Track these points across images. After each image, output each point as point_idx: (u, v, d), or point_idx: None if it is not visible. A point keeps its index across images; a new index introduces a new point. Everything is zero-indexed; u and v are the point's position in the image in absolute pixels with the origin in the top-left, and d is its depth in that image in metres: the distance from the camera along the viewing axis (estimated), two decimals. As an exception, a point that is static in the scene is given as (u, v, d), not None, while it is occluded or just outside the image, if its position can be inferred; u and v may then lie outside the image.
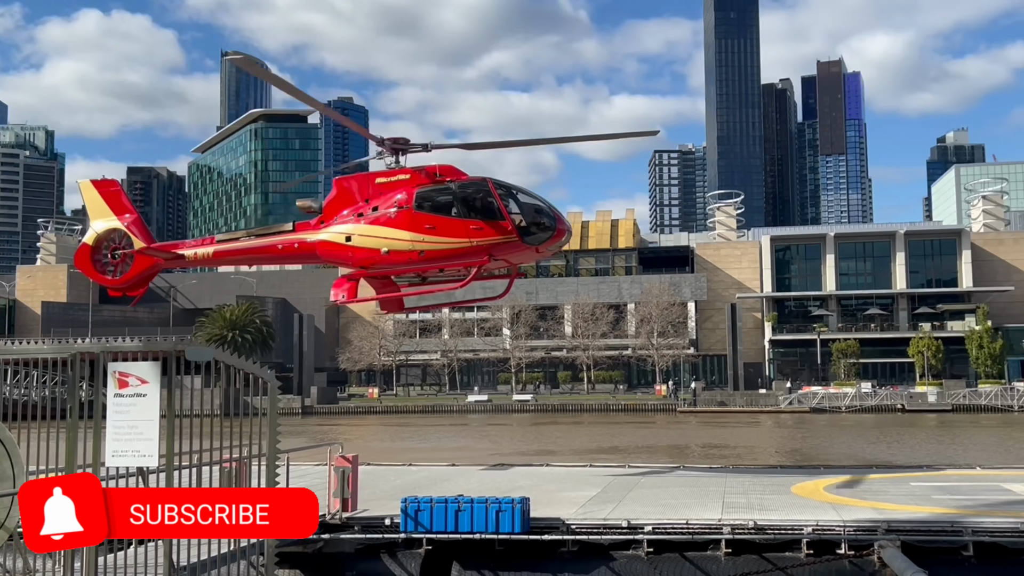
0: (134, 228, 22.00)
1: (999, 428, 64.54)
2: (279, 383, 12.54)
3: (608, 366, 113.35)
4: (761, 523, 15.08)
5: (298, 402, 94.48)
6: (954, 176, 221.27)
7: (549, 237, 19.23)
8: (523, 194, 19.78)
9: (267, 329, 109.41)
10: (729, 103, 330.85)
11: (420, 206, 19.21)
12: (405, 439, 60.87)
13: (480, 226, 18.77)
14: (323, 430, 67.36)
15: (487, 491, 17.34)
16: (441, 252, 19.18)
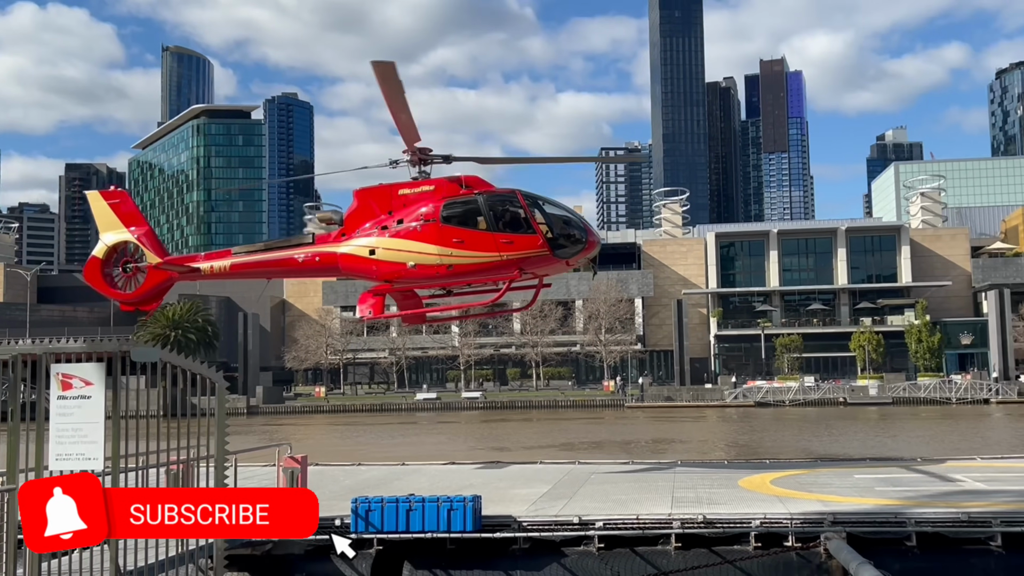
0: (146, 240, 21.46)
1: (938, 420, 66.12)
2: (227, 383, 12.36)
3: (557, 363, 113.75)
4: (710, 517, 15.25)
5: (243, 402, 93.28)
6: (893, 173, 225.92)
7: (580, 250, 18.87)
8: (552, 206, 19.37)
9: (211, 328, 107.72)
10: (674, 101, 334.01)
11: (447, 219, 18.75)
12: (354, 438, 60.46)
13: (510, 240, 18.35)
14: (270, 430, 66.59)
15: (438, 490, 17.28)
16: (470, 266, 18.77)
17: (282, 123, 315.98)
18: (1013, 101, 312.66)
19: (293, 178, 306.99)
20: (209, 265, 21.34)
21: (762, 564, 14.76)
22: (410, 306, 21.25)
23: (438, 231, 18.65)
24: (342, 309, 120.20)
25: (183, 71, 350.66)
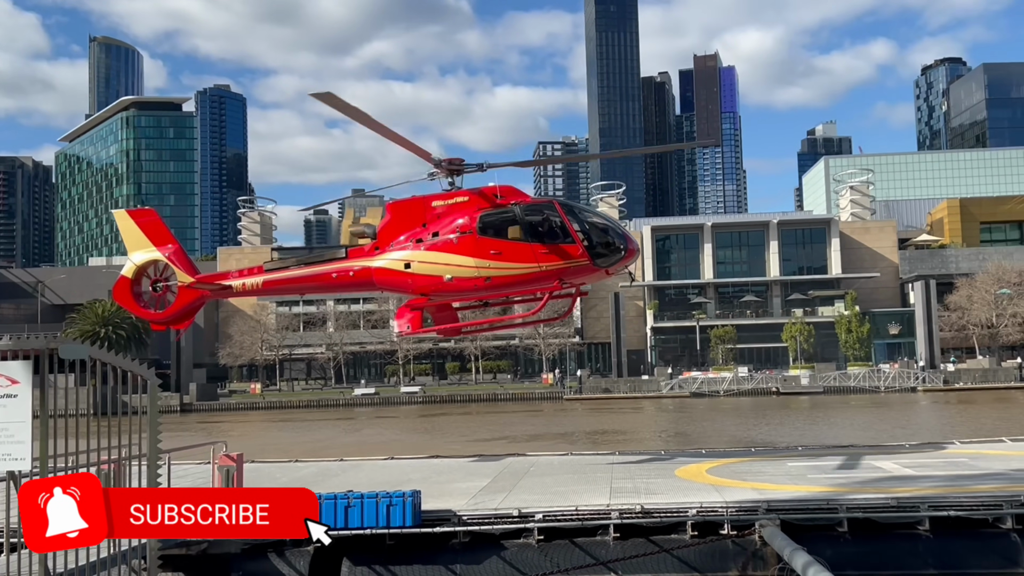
0: (176, 259, 21.31)
1: (867, 408, 67.78)
2: (159, 380, 12.11)
3: (496, 356, 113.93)
4: (648, 507, 15.42)
5: (176, 399, 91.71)
6: (823, 167, 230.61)
7: (620, 258, 18.62)
8: (590, 214, 19.21)
9: (142, 324, 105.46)
10: (610, 96, 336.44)
11: (484, 230, 18.43)
12: (291, 435, 59.78)
13: (549, 250, 18.08)
14: (205, 428, 65.51)
15: (377, 485, 17.18)
16: (509, 278, 18.53)
17: (214, 116, 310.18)
18: (938, 97, 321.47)
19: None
20: (241, 283, 21.20)
21: (698, 552, 14.98)
22: (446, 319, 21.02)
23: (475, 243, 18.39)
24: (278, 304, 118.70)
25: (111, 62, 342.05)
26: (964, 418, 54.79)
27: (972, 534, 15.10)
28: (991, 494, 15.68)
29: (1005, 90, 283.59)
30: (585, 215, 19.08)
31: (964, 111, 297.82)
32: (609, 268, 18.84)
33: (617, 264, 18.80)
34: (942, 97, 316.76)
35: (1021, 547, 14.82)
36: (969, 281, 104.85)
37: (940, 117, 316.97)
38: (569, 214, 18.49)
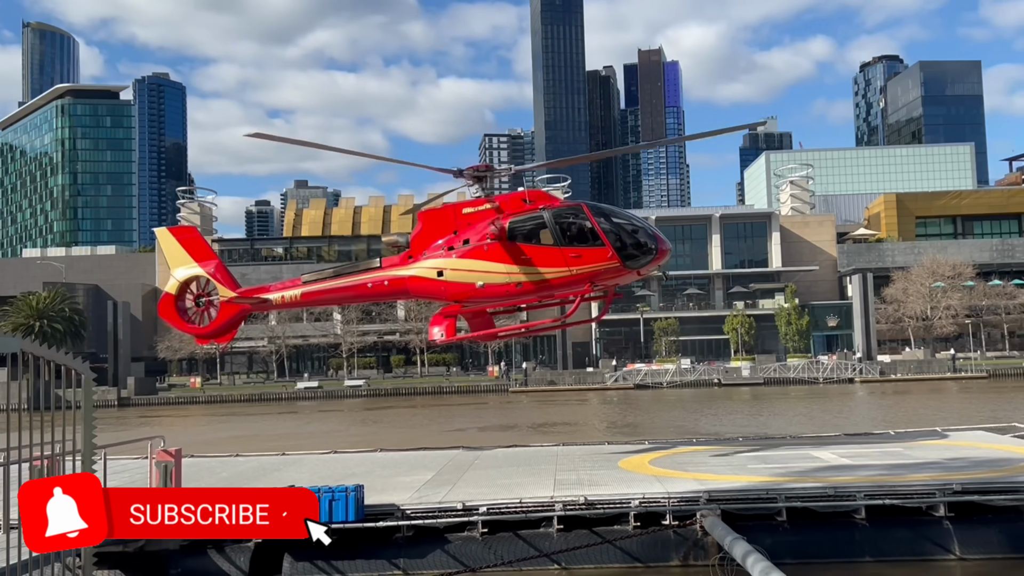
0: (218, 275, 21.67)
1: (806, 399, 69.00)
2: (93, 374, 11.84)
3: (442, 349, 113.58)
4: (591, 499, 15.53)
5: (113, 394, 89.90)
6: (764, 162, 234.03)
7: (651, 259, 18.56)
8: (619, 216, 19.06)
9: (78, 317, 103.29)
10: (556, 89, 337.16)
11: (513, 236, 18.49)
12: (232, 429, 58.95)
13: (579, 254, 18.08)
14: (143, 423, 64.32)
15: (319, 480, 17.05)
16: (540, 283, 18.53)
17: (153, 104, 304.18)
18: (876, 94, 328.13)
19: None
20: (280, 295, 21.50)
21: (641, 543, 15.12)
22: (481, 325, 21.19)
23: (505, 249, 18.46)
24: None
25: (45, 48, 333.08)
26: (899, 409, 56.06)
27: (906, 522, 15.48)
28: (924, 483, 16.08)
29: (940, 88, 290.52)
30: (615, 217, 18.98)
31: (901, 108, 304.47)
32: (641, 269, 18.90)
33: (648, 265, 18.86)
34: (880, 94, 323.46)
35: (953, 534, 15.23)
36: (905, 274, 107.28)
37: (878, 114, 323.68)
38: (598, 216, 18.49)
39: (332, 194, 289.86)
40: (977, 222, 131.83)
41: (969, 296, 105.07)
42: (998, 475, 16.84)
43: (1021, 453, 20.04)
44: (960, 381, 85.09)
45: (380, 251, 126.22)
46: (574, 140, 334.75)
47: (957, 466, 18.15)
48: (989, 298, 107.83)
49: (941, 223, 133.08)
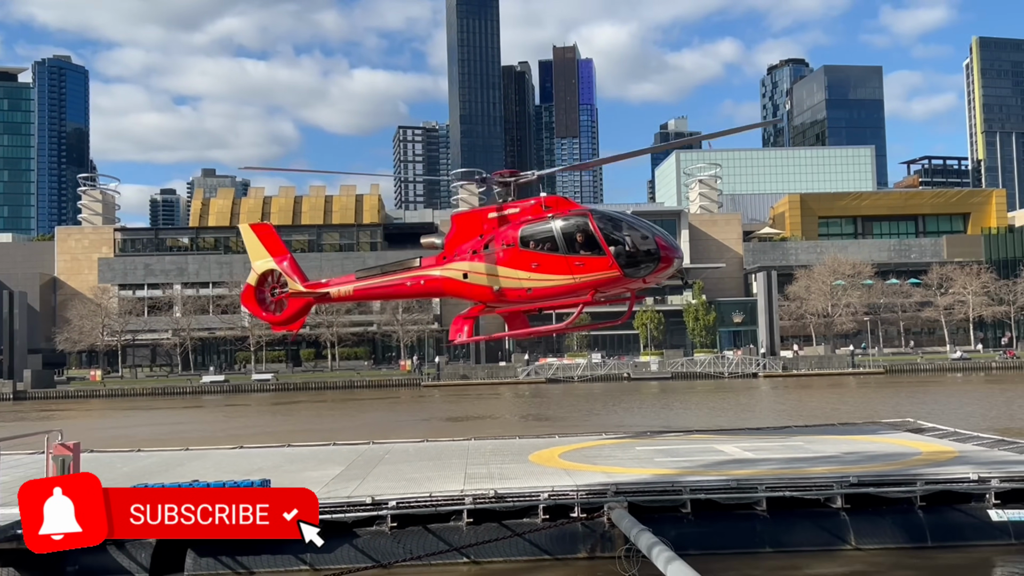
0: (289, 269, 22.87)
1: (712, 393, 70.59)
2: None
3: (353, 343, 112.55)
4: (501, 492, 15.60)
5: (9, 387, 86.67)
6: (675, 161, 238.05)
7: (653, 269, 18.39)
8: (625, 223, 18.83)
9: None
10: (471, 83, 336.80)
11: (525, 243, 18.77)
12: (134, 424, 57.31)
13: (582, 262, 18.15)
14: (41, 417, 62.04)
15: (225, 475, 16.72)
16: (546, 290, 18.75)
17: (53, 88, 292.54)
18: (782, 96, 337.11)
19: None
20: (337, 290, 22.52)
21: (549, 536, 15.26)
22: (516, 324, 21.54)
23: (517, 255, 18.84)
24: (120, 287, 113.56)
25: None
26: (801, 403, 57.80)
27: (806, 513, 15.98)
28: (823, 476, 16.62)
29: (843, 91, 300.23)
30: (620, 224, 18.91)
31: (806, 110, 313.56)
32: (644, 278, 18.79)
33: (652, 274, 18.70)
34: (786, 96, 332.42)
35: (849, 525, 15.77)
36: (807, 272, 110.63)
37: (784, 115, 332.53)
38: (601, 224, 18.48)
39: (241, 184, 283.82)
40: (876, 222, 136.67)
41: (868, 294, 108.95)
42: (893, 468, 17.51)
43: (916, 447, 20.88)
44: (858, 376, 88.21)
45: (291, 242, 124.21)
46: (489, 135, 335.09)
47: (854, 459, 18.80)
48: (887, 296, 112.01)
49: (843, 223, 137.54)
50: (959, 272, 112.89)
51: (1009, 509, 15.90)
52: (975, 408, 48.79)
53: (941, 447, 20.69)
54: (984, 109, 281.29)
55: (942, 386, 71.23)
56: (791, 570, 14.60)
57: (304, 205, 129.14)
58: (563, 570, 14.88)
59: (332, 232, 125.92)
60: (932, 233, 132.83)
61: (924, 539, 15.65)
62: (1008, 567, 14.71)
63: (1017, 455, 19.13)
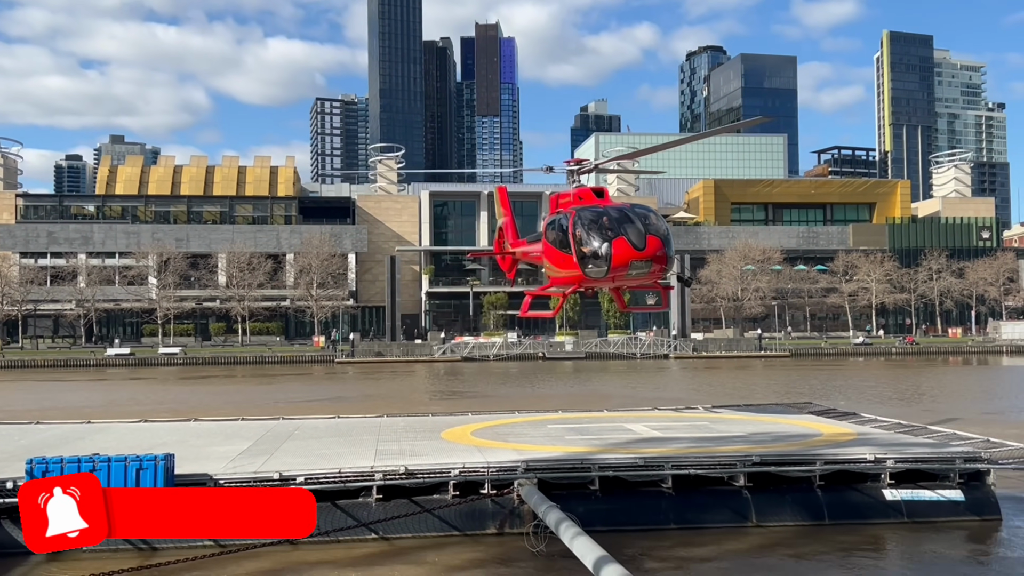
0: (507, 227, 24.34)
1: (624, 373, 71.64)
2: None
3: (265, 318, 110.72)
4: (411, 468, 15.57)
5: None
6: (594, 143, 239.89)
7: (604, 270, 17.77)
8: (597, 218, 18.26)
9: None
10: (392, 57, 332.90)
11: (547, 234, 19.62)
12: (33, 396, 55.35)
13: (565, 258, 18.76)
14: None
15: (127, 449, 16.29)
16: (555, 280, 19.76)
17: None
18: (700, 82, 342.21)
19: None
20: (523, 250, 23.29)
21: (459, 512, 15.31)
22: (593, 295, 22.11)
23: (545, 244, 19.83)
24: (21, 255, 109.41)
25: None
26: (709, 384, 59.11)
27: (710, 491, 16.38)
28: (727, 454, 17.03)
29: (759, 80, 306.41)
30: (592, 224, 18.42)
31: (722, 97, 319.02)
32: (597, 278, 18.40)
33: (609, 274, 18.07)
34: (704, 83, 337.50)
35: (751, 503, 16.21)
36: (719, 257, 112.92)
37: (701, 102, 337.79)
38: (577, 219, 18.34)
39: (151, 151, 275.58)
40: (787, 210, 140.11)
41: (776, 279, 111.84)
42: (794, 448, 18.03)
43: (817, 429, 21.53)
44: (765, 359, 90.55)
45: (201, 213, 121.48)
46: (409, 110, 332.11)
47: (758, 440, 19.30)
48: (794, 282, 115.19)
49: (754, 209, 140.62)
50: (864, 260, 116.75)
51: (902, 489, 16.55)
52: (874, 391, 50.62)
53: (841, 429, 21.39)
54: (892, 102, 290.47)
55: (844, 370, 73.68)
56: (694, 546, 14.94)
57: (216, 175, 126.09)
58: (472, 546, 14.94)
59: (245, 204, 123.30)
60: (839, 221, 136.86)
61: (822, 517, 16.19)
62: (899, 543, 15.32)
63: (911, 437, 19.91)
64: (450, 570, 13.74)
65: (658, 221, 18.14)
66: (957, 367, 79.25)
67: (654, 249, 17.75)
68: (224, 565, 13.63)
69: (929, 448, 17.89)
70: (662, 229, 17.85)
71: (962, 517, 16.40)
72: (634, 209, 18.56)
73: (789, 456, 16.91)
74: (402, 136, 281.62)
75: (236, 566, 13.71)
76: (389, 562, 14.12)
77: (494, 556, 14.43)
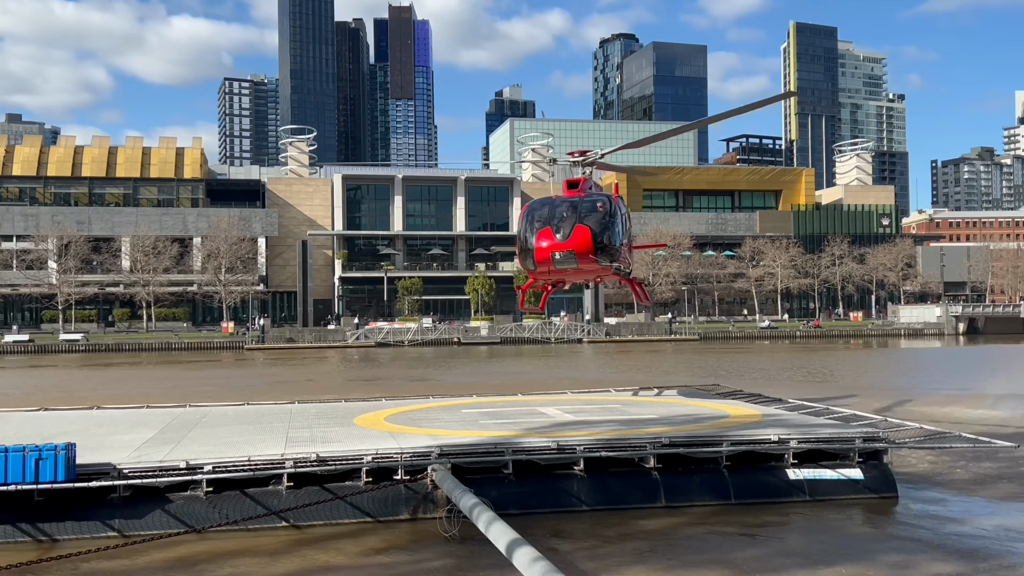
0: None
1: (538, 358, 72.17)
2: None
3: (171, 303, 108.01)
4: (323, 455, 15.40)
5: None
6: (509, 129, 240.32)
7: (534, 264, 18.29)
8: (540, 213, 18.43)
9: None
10: (303, 37, 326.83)
11: None
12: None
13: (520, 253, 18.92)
14: None
15: (25, 438, 15.74)
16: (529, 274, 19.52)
17: None
18: (613, 70, 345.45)
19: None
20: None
21: (372, 498, 15.22)
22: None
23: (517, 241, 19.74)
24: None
25: None
26: (622, 367, 59.97)
27: (621, 473, 16.63)
28: (638, 437, 17.30)
29: (670, 68, 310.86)
30: (528, 214, 18.86)
31: (635, 85, 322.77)
32: (531, 270, 18.80)
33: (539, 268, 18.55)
34: (616, 70, 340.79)
35: (660, 484, 16.52)
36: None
37: (615, 89, 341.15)
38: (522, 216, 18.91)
39: (50, 131, 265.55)
40: (697, 196, 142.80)
41: (686, 265, 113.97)
42: (702, 430, 18.43)
43: (724, 410, 22.05)
44: (675, 343, 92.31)
45: (104, 195, 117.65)
46: (321, 92, 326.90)
47: (667, 422, 19.66)
48: (703, 267, 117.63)
49: (665, 196, 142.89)
50: (770, 246, 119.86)
51: (805, 468, 17.09)
52: (780, 374, 52.08)
53: (747, 410, 21.94)
54: (798, 92, 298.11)
55: (751, 353, 75.60)
56: (605, 527, 15.16)
57: (120, 156, 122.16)
58: (385, 532, 14.87)
59: (150, 186, 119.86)
60: (747, 208, 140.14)
61: (728, 496, 16.60)
62: (802, 521, 15.81)
63: (814, 418, 20.56)
64: (363, 556, 13.66)
65: (596, 211, 18.30)
66: (858, 350, 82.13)
67: (576, 241, 17.81)
68: (129, 556, 13.29)
69: (831, 429, 18.49)
70: (596, 219, 18.04)
71: (861, 495, 17.01)
72: (581, 200, 18.67)
73: (697, 438, 17.27)
74: (313, 118, 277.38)
75: (142, 557, 13.37)
76: (301, 550, 13.95)
77: (407, 541, 14.40)
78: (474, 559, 13.08)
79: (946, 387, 41.94)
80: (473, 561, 13.04)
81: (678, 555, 13.56)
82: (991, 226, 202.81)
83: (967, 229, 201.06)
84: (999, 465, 20.63)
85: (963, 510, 16.56)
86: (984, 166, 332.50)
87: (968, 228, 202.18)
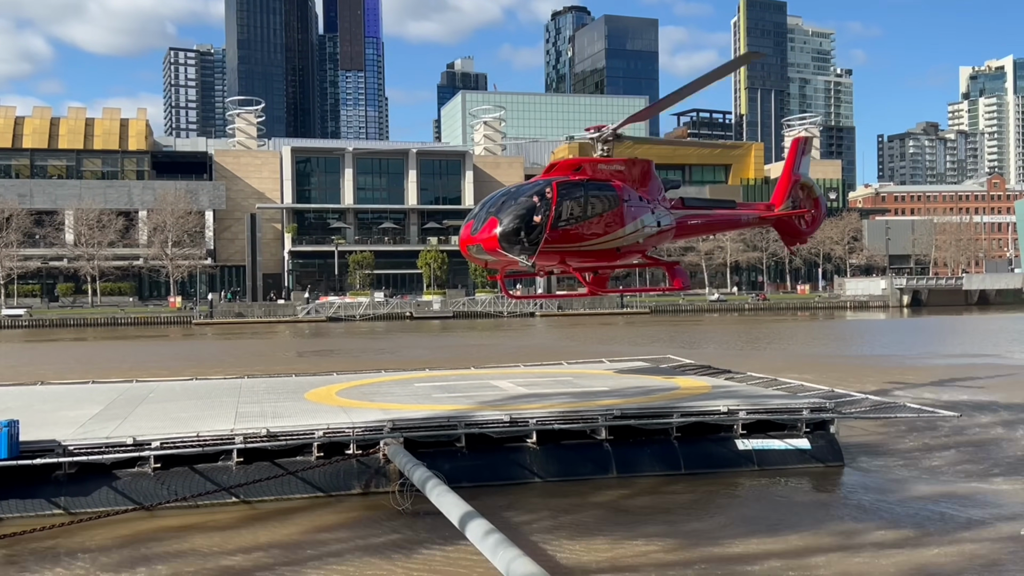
0: None
1: (491, 331, 72.28)
2: None
3: (117, 277, 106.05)
4: (274, 430, 15.28)
5: None
6: (460, 102, 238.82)
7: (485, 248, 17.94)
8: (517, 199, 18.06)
9: None
10: (249, 6, 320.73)
11: None
12: None
13: None
14: None
15: (-35, 417, 15.34)
16: None
17: None
18: (565, 43, 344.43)
19: None
20: None
21: (324, 473, 15.16)
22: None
23: None
24: None
25: None
26: (572, 340, 60.28)
27: (573, 445, 16.75)
28: (590, 409, 17.42)
29: (622, 42, 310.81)
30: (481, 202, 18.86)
31: (587, 58, 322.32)
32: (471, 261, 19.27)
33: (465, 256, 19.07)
34: (568, 43, 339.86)
35: (612, 455, 16.67)
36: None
37: (567, 62, 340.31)
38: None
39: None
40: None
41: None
42: (653, 401, 18.61)
43: (675, 382, 22.28)
44: (626, 316, 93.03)
45: (46, 168, 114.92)
46: (269, 62, 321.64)
47: (618, 394, 19.82)
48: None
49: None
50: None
51: (753, 439, 17.35)
52: (728, 345, 52.77)
53: (697, 382, 22.20)
54: (748, 67, 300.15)
55: (700, 325, 76.49)
56: (557, 497, 15.27)
57: (62, 128, 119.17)
58: (337, 507, 14.82)
59: (94, 158, 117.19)
60: (697, 182, 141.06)
61: (679, 467, 16.81)
62: (751, 490, 16.07)
63: (763, 389, 20.87)
64: (315, 531, 13.59)
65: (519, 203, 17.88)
66: (805, 321, 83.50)
67: (484, 234, 17.60)
68: (75, 534, 13.07)
69: (779, 400, 18.78)
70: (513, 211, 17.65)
71: (808, 464, 17.34)
72: (522, 188, 18.44)
73: (648, 409, 17.44)
74: (261, 89, 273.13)
75: (88, 535, 13.16)
76: (252, 526, 13.85)
77: (359, 516, 14.37)
78: (427, 532, 13.09)
79: (891, 357, 42.85)
80: (426, 534, 13.05)
81: (630, 525, 13.70)
82: (935, 200, 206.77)
83: (912, 203, 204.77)
84: (943, 434, 21.15)
85: (907, 478, 16.97)
86: (929, 141, 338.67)
87: (913, 202, 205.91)
